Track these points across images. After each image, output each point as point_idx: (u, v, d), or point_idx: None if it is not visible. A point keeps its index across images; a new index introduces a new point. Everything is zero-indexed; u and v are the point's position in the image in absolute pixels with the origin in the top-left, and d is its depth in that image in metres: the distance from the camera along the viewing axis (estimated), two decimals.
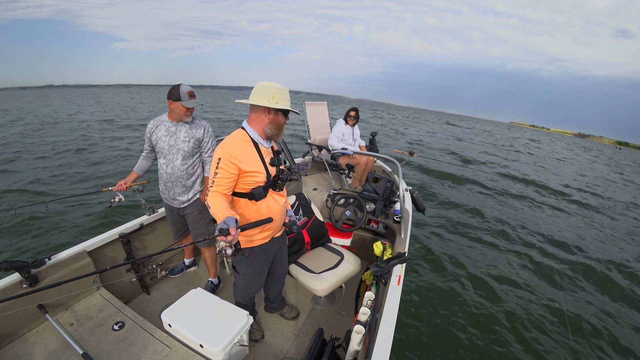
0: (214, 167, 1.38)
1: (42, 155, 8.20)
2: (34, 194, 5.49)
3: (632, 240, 5.96)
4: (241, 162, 1.38)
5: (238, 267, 1.71)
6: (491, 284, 3.65)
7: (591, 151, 35.12)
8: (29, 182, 6.07)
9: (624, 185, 12.80)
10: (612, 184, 12.55)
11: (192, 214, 2.10)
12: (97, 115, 19.05)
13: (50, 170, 6.92)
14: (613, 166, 20.92)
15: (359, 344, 1.30)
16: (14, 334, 1.55)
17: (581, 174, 13.96)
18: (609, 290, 3.96)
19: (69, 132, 12.20)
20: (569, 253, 4.93)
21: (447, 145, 16.39)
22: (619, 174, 16.56)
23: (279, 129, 1.47)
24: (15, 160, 7.68)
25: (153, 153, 2.08)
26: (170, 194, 2.04)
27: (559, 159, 19.23)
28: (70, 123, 14.95)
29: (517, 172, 11.21)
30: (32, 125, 13.72)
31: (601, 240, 5.69)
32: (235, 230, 1.15)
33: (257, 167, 1.43)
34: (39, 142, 10.05)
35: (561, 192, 9.13)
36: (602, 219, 7.15)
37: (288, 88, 1.42)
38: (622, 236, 6.11)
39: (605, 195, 9.73)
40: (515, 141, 27.09)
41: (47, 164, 7.41)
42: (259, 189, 1.45)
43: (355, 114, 4.00)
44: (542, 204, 7.64)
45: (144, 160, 2.15)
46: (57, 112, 20.64)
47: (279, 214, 1.60)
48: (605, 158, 28.03)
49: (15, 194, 5.46)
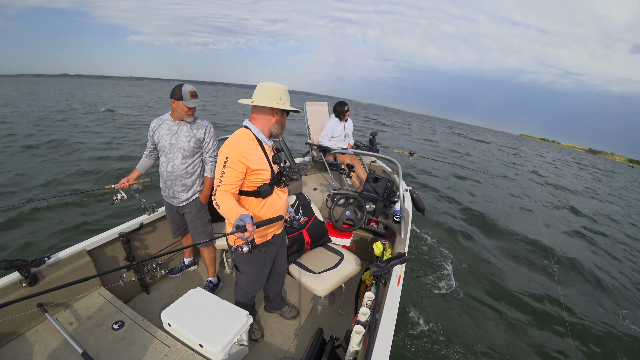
0: (220, 167, 1.39)
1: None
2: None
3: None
4: (248, 160, 1.40)
5: (240, 266, 1.71)
6: (491, 284, 3.65)
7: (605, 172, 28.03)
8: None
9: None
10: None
11: (190, 213, 2.10)
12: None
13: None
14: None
15: (359, 344, 1.30)
16: (14, 333, 1.55)
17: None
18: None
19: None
20: (567, 255, 4.92)
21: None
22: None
23: (283, 128, 1.54)
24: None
25: (156, 151, 2.08)
26: (169, 192, 2.04)
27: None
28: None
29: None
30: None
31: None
32: (252, 226, 1.16)
33: (263, 165, 1.46)
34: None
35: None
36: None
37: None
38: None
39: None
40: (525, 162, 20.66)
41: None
42: (265, 187, 1.48)
43: (347, 108, 4.01)
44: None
45: (146, 159, 2.15)
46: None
47: (283, 211, 1.63)
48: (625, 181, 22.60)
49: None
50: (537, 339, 2.90)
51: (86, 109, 17.48)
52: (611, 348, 2.98)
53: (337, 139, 3.90)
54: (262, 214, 1.53)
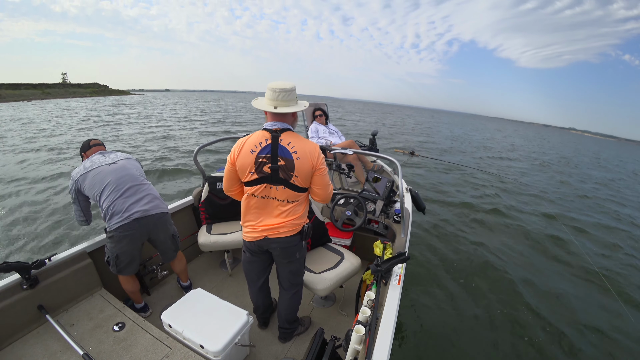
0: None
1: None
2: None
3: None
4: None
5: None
6: (492, 284, 3.65)
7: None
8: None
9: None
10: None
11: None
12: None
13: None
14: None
15: (359, 344, 1.30)
16: (14, 335, 1.55)
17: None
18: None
19: None
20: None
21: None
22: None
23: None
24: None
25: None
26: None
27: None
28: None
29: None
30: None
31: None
32: None
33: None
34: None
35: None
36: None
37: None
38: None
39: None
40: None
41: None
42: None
43: (321, 112, 4.16)
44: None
45: None
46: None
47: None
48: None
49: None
50: (541, 340, 2.90)
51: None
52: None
53: (324, 136, 3.98)
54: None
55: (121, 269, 1.86)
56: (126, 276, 1.93)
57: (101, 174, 1.76)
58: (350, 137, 6.22)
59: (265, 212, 1.52)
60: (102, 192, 1.73)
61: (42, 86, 61.94)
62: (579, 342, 2.84)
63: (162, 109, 27.58)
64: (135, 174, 1.87)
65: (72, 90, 63.10)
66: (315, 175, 1.47)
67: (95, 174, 1.76)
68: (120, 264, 1.84)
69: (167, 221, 1.99)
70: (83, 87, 74.32)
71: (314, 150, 1.45)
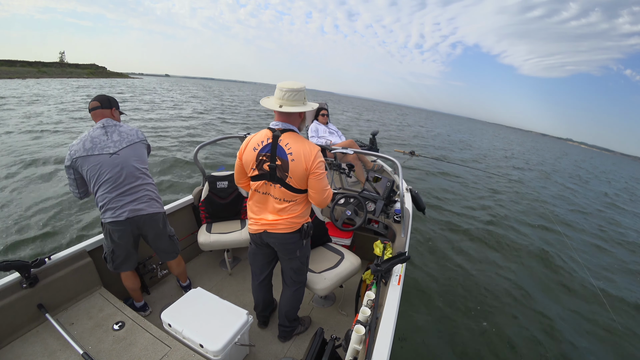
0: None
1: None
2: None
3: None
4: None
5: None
6: (492, 283, 3.65)
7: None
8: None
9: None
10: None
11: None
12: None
13: None
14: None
15: (359, 344, 1.29)
16: (14, 334, 1.55)
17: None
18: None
19: None
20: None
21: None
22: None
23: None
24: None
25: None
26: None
27: None
28: None
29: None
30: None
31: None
32: None
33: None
34: None
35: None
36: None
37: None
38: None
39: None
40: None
41: None
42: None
43: (326, 111, 4.12)
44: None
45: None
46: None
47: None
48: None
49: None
50: (543, 341, 2.90)
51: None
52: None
53: (324, 136, 3.97)
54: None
55: (117, 265, 1.86)
56: (127, 272, 1.94)
57: (101, 166, 1.68)
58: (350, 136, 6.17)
59: (265, 208, 1.59)
60: (100, 187, 1.70)
61: (39, 64, 60.55)
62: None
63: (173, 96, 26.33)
64: (136, 173, 1.79)
65: (69, 70, 61.34)
66: (310, 179, 1.47)
67: (94, 162, 1.67)
68: (117, 259, 1.84)
69: (159, 220, 1.92)
70: (81, 68, 72.86)
71: (309, 152, 1.43)
